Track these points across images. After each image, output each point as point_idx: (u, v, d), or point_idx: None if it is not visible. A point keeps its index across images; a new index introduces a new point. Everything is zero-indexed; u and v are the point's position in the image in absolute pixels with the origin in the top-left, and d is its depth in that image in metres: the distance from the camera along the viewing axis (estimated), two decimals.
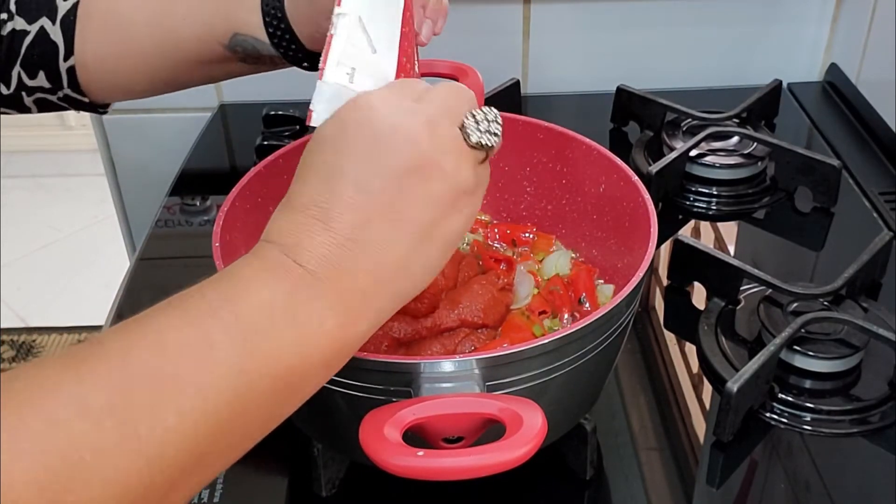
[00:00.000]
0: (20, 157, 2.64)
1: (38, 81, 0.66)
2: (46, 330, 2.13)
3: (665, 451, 0.65)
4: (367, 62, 0.49)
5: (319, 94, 0.46)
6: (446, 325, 0.60)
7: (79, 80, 0.66)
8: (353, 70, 0.47)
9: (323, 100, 0.46)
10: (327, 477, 0.60)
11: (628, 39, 1.11)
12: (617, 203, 0.65)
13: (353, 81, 0.47)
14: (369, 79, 0.48)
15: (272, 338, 0.39)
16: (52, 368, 0.34)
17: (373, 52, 0.49)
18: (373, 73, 0.49)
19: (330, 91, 0.46)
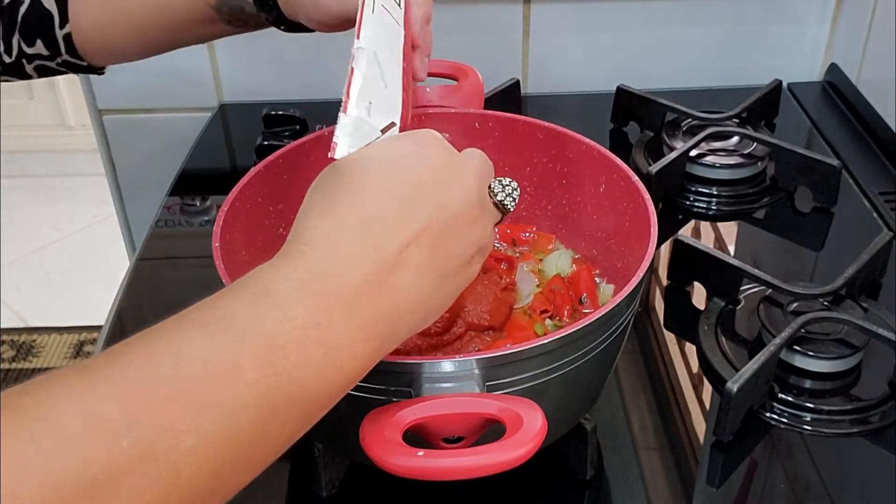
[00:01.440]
0: (20, 157, 2.64)
1: (36, 49, 0.67)
2: (46, 330, 2.13)
3: (665, 451, 0.65)
4: (381, 97, 0.50)
5: (343, 126, 0.47)
6: (456, 334, 0.60)
7: (76, 46, 0.68)
8: (370, 104, 0.48)
9: (346, 133, 0.47)
10: (327, 477, 0.60)
11: (628, 39, 1.11)
12: (617, 203, 0.65)
13: (371, 116, 0.48)
14: (382, 113, 0.49)
15: (301, 361, 0.37)
16: (65, 382, 0.32)
17: (385, 86, 0.50)
18: (386, 108, 0.50)
19: (352, 125, 0.47)
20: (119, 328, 0.76)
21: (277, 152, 0.66)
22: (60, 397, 0.32)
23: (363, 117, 0.48)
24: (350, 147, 0.47)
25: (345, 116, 0.47)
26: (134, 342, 0.35)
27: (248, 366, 0.36)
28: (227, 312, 0.37)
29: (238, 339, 0.36)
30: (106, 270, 2.16)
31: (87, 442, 0.31)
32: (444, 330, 0.59)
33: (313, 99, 1.02)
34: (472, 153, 0.49)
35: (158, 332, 0.36)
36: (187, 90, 1.11)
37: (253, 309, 0.37)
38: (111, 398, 0.32)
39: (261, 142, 0.98)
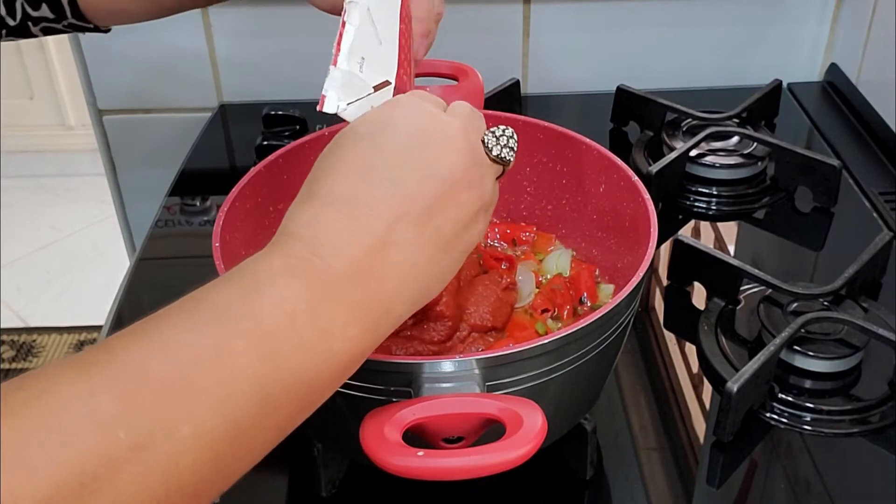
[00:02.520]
0: (20, 157, 2.64)
1: (41, 12, 0.67)
2: (46, 330, 2.13)
3: (665, 451, 0.65)
4: (375, 54, 0.49)
5: (332, 80, 0.47)
6: (459, 338, 0.60)
7: (81, 9, 0.68)
8: (362, 60, 0.48)
9: (336, 86, 0.47)
10: (327, 477, 0.60)
11: (628, 39, 1.11)
12: (617, 203, 0.65)
13: (363, 71, 0.47)
14: (376, 70, 0.48)
15: (294, 346, 0.37)
16: (60, 377, 0.32)
17: (379, 43, 0.49)
18: (379, 65, 0.49)
19: (342, 78, 0.47)
20: (119, 328, 0.75)
21: (277, 152, 0.66)
22: (56, 391, 0.32)
23: (354, 71, 0.47)
24: (339, 100, 0.46)
25: (334, 69, 0.47)
26: (126, 334, 0.35)
27: (241, 352, 0.36)
28: (217, 301, 0.37)
29: (229, 326, 0.36)
30: (106, 270, 2.16)
31: (85, 435, 0.31)
32: (447, 338, 0.59)
33: (313, 99, 1.02)
34: (458, 110, 0.46)
35: (150, 324, 0.36)
36: (187, 90, 1.11)
37: (242, 297, 0.37)
38: (106, 390, 0.32)
39: (261, 142, 0.98)
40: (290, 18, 1.06)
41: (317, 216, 0.41)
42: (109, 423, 0.31)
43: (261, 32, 1.08)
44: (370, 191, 0.41)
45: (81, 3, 0.68)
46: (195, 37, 1.08)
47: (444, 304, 0.59)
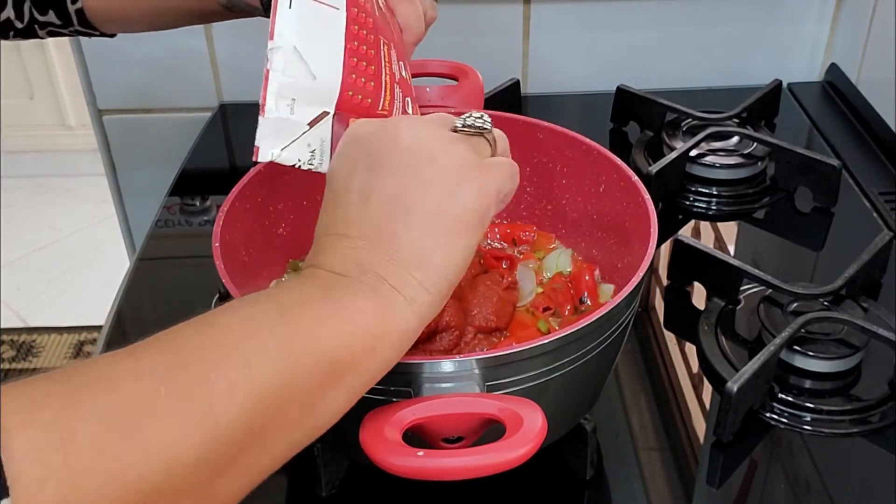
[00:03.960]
0: (20, 157, 2.64)
1: (48, 18, 0.70)
2: (46, 330, 2.13)
3: (665, 451, 0.65)
4: (308, 89, 0.49)
5: (261, 129, 0.48)
6: (465, 341, 0.60)
7: (87, 19, 0.71)
8: (293, 101, 0.48)
9: (266, 134, 0.48)
10: (327, 477, 0.60)
11: (628, 39, 1.11)
12: (617, 203, 0.65)
13: (294, 112, 0.48)
14: (312, 105, 0.49)
15: (312, 317, 0.40)
16: (107, 354, 0.36)
17: (313, 78, 0.49)
18: (315, 98, 0.49)
19: (271, 125, 0.48)
20: (119, 328, 0.76)
21: None
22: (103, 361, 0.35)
23: (284, 116, 0.48)
24: (272, 147, 0.48)
25: (262, 119, 0.48)
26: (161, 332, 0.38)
27: (265, 321, 0.39)
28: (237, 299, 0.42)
29: (255, 307, 0.40)
30: (106, 270, 2.16)
31: (130, 388, 0.34)
32: (453, 346, 0.59)
33: None
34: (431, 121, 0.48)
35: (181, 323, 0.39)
36: (187, 90, 1.11)
37: (265, 293, 0.42)
38: (147, 356, 0.36)
39: None
40: None
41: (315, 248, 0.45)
42: (151, 380, 0.35)
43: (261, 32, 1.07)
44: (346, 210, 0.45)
45: (89, 15, 0.71)
46: (195, 37, 1.08)
47: (451, 316, 0.59)
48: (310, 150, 0.50)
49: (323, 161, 0.50)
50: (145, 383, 0.34)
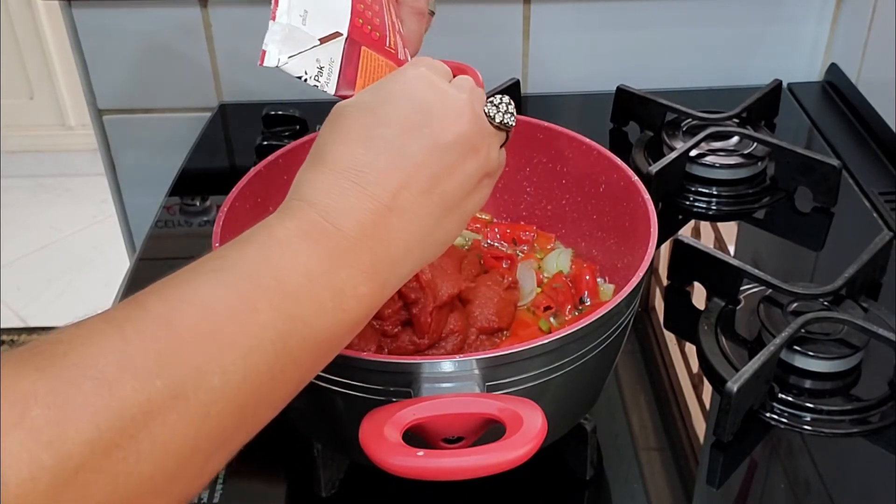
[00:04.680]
0: (20, 157, 2.64)
1: None
2: (46, 330, 2.12)
3: (665, 451, 0.65)
4: (319, 5, 0.49)
5: (271, 34, 0.47)
6: (468, 343, 0.60)
7: None
8: (305, 13, 0.48)
9: (276, 40, 0.47)
10: (327, 477, 0.60)
11: (628, 39, 1.11)
12: (617, 203, 0.65)
13: (306, 24, 0.47)
14: (323, 22, 0.48)
15: (311, 303, 0.39)
16: (95, 330, 0.34)
17: None
18: (327, 16, 0.49)
19: (282, 32, 0.47)
20: None
21: (277, 152, 0.66)
22: (93, 343, 0.33)
23: (295, 25, 0.47)
24: (280, 53, 0.47)
25: (273, 24, 0.47)
26: (154, 290, 0.37)
27: (265, 309, 0.38)
28: (239, 259, 0.39)
29: (252, 283, 0.38)
30: (106, 270, 2.16)
31: (123, 383, 0.33)
32: (457, 350, 0.60)
33: (313, 99, 1.02)
34: (461, 84, 0.48)
35: (177, 280, 0.38)
36: (187, 90, 1.11)
37: (262, 256, 0.40)
38: (140, 341, 0.34)
39: (261, 142, 0.98)
40: None
41: (326, 183, 0.43)
42: (146, 372, 0.33)
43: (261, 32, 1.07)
44: (377, 160, 0.43)
45: None
46: (195, 37, 1.08)
47: (455, 322, 0.59)
48: (318, 66, 0.49)
49: (329, 81, 0.49)
50: (139, 377, 0.33)
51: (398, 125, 0.44)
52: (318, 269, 0.40)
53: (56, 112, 2.61)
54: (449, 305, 0.59)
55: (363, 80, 0.51)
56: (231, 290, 0.38)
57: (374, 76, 0.51)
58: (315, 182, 0.43)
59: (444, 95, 0.46)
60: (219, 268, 0.39)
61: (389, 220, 0.42)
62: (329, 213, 0.41)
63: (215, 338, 0.36)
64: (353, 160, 0.43)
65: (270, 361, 0.38)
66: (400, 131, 0.44)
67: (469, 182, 0.46)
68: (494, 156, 0.48)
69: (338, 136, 0.44)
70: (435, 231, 0.45)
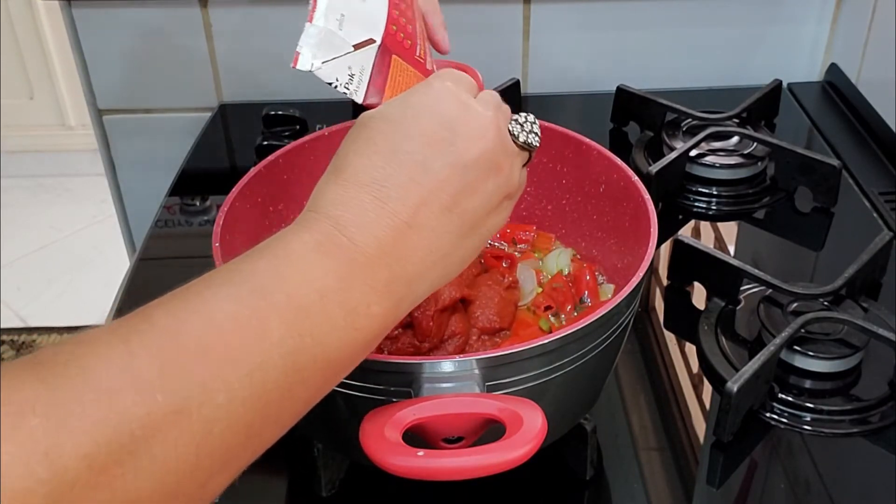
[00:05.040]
0: (20, 157, 2.64)
1: None
2: (46, 330, 2.13)
3: (665, 451, 0.65)
4: (356, 11, 0.48)
5: (307, 36, 0.46)
6: (470, 344, 0.60)
7: None
8: (342, 17, 0.47)
9: (311, 43, 0.46)
10: (327, 477, 0.60)
11: (628, 39, 1.11)
12: (617, 203, 0.65)
13: (342, 29, 0.47)
14: (359, 28, 0.48)
15: (322, 321, 0.38)
16: (100, 342, 0.33)
17: (362, 1, 0.49)
18: (363, 22, 0.48)
19: (318, 35, 0.46)
20: None
21: (277, 152, 0.66)
22: (96, 354, 0.33)
23: (332, 29, 0.46)
24: (314, 58, 0.46)
25: (310, 26, 0.46)
26: (163, 302, 0.36)
27: (275, 325, 0.37)
28: (251, 273, 0.38)
29: (263, 298, 0.37)
30: (106, 270, 2.16)
31: (124, 396, 0.32)
32: (459, 351, 0.60)
33: (313, 99, 1.02)
34: (487, 100, 0.47)
35: (186, 293, 0.37)
36: (187, 90, 1.11)
37: (274, 270, 0.38)
38: (144, 354, 0.33)
39: (261, 142, 0.98)
40: (290, 18, 1.06)
41: (345, 196, 0.42)
42: (148, 385, 0.32)
43: (261, 32, 1.07)
44: (398, 175, 0.42)
45: None
46: (195, 37, 1.08)
47: (456, 325, 0.59)
48: (349, 73, 0.48)
49: (359, 90, 0.49)
50: (141, 390, 0.32)
51: (422, 140, 0.43)
52: (331, 286, 0.39)
53: (56, 112, 2.61)
54: (450, 308, 0.59)
55: (392, 89, 0.50)
56: (240, 305, 0.36)
57: (403, 86, 0.51)
58: (334, 194, 0.42)
59: (470, 112, 0.45)
60: (229, 281, 0.38)
61: (408, 237, 0.42)
62: (347, 226, 0.40)
63: (221, 353, 0.35)
64: (375, 173, 0.42)
65: (279, 379, 0.36)
66: (423, 146, 0.43)
67: (490, 202, 0.45)
68: (516, 176, 0.48)
69: (360, 148, 0.43)
70: (454, 250, 0.44)
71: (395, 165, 0.42)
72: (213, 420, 0.34)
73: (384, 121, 0.44)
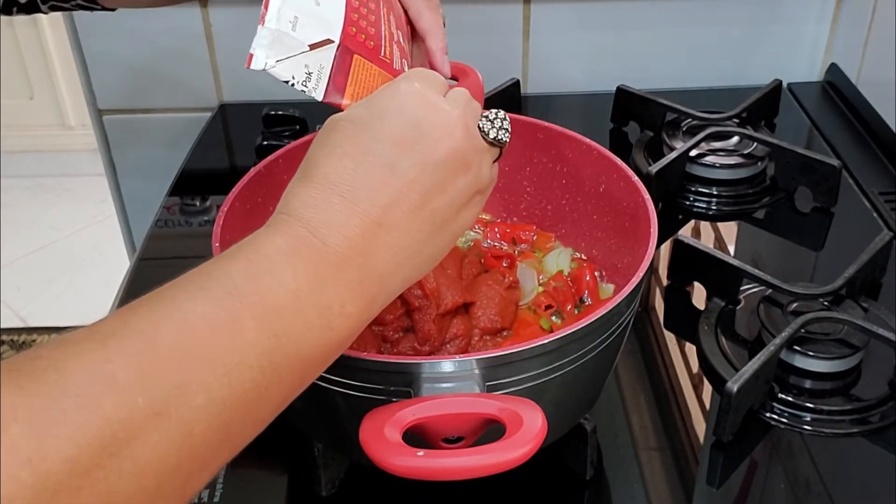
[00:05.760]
0: (20, 157, 2.64)
1: None
2: (46, 330, 2.13)
3: (665, 451, 0.65)
4: (311, 13, 0.49)
5: (259, 38, 0.47)
6: (472, 344, 0.60)
7: None
8: (295, 19, 0.48)
9: (263, 44, 0.47)
10: (327, 477, 0.60)
11: (628, 39, 1.11)
12: (617, 203, 0.65)
13: (296, 30, 0.47)
14: (314, 28, 0.48)
15: (297, 322, 0.39)
16: (77, 346, 0.33)
17: (316, 4, 0.49)
18: (318, 24, 0.49)
19: (270, 36, 0.47)
20: None
21: (277, 152, 0.66)
22: (74, 359, 0.33)
23: (284, 30, 0.47)
24: (267, 58, 0.46)
25: (262, 28, 0.47)
26: (138, 305, 0.36)
27: (250, 326, 0.37)
28: (224, 275, 0.39)
29: (237, 300, 0.37)
30: (106, 270, 2.16)
31: (104, 400, 0.32)
32: (462, 351, 0.60)
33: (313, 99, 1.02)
34: (456, 98, 0.47)
35: (161, 296, 0.37)
36: (187, 90, 1.11)
37: (248, 272, 0.39)
38: (121, 358, 0.33)
39: (261, 142, 0.98)
40: None
41: (316, 198, 0.42)
42: (127, 389, 0.33)
43: None
44: (367, 176, 0.43)
45: None
46: (195, 37, 1.08)
47: (458, 327, 0.59)
48: (306, 72, 0.48)
49: (318, 87, 0.49)
50: (120, 395, 0.32)
51: (390, 141, 0.43)
52: (304, 288, 0.39)
53: (56, 112, 2.61)
54: (452, 312, 0.60)
55: (354, 88, 0.50)
56: (215, 307, 0.37)
57: (367, 85, 0.51)
58: (304, 196, 0.42)
59: (437, 111, 0.45)
60: (202, 285, 0.38)
61: (378, 236, 0.42)
62: (318, 228, 0.41)
63: (198, 355, 0.35)
64: (344, 175, 0.42)
65: (256, 379, 0.37)
66: (391, 147, 0.43)
67: (460, 199, 0.46)
68: (486, 172, 0.48)
69: (329, 150, 0.44)
70: (425, 247, 0.45)
71: (364, 167, 0.43)
72: (193, 421, 0.34)
73: (351, 123, 0.44)
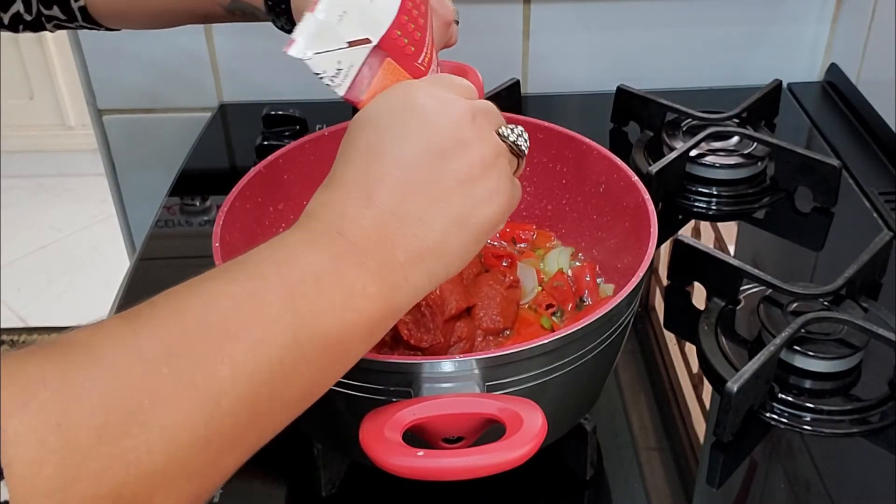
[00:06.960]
0: (20, 157, 2.64)
1: (53, 12, 0.72)
2: (46, 330, 2.13)
3: (665, 451, 0.65)
4: (361, 11, 0.49)
5: (305, 25, 0.47)
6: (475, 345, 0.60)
7: (90, 15, 0.72)
8: (344, 13, 0.48)
9: (307, 33, 0.47)
10: (327, 477, 0.60)
11: (628, 39, 1.11)
12: (617, 203, 0.65)
13: (342, 24, 0.47)
14: (359, 27, 0.48)
15: (319, 300, 0.40)
16: (106, 325, 0.35)
17: (370, 2, 0.49)
18: (364, 22, 0.49)
19: (316, 26, 0.47)
20: None
21: (277, 152, 0.66)
22: (102, 334, 0.34)
23: (330, 23, 0.47)
24: (306, 48, 0.47)
25: (310, 16, 0.47)
26: (166, 293, 0.38)
27: (273, 301, 0.38)
28: (248, 261, 0.40)
29: (260, 280, 0.39)
30: (106, 270, 2.16)
31: (132, 369, 0.33)
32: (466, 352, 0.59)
33: (313, 99, 1.02)
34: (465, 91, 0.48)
35: (188, 283, 0.38)
36: (187, 90, 1.11)
37: (271, 258, 0.41)
38: (147, 330, 0.35)
39: (261, 142, 0.98)
40: None
41: (332, 197, 0.44)
42: (154, 360, 0.34)
43: (261, 32, 1.07)
44: (378, 170, 0.44)
45: (91, 11, 0.72)
46: (195, 37, 1.08)
47: (462, 329, 0.59)
48: (337, 67, 0.49)
49: (343, 84, 0.49)
50: (146, 364, 0.34)
51: (398, 135, 0.45)
52: (325, 269, 0.41)
53: (56, 112, 2.61)
54: (455, 317, 0.60)
55: (377, 89, 0.50)
56: (240, 286, 0.38)
57: None
58: (322, 198, 0.44)
59: (443, 102, 0.46)
60: (228, 270, 0.40)
61: (393, 225, 0.43)
62: (334, 223, 0.43)
63: (222, 328, 0.36)
64: (356, 172, 0.44)
65: (281, 355, 0.37)
66: (399, 140, 0.44)
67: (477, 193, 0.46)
68: (506, 173, 0.48)
69: (342, 151, 0.46)
70: (446, 241, 0.45)
71: (376, 163, 0.44)
72: (220, 392, 0.35)
73: (363, 121, 0.46)
